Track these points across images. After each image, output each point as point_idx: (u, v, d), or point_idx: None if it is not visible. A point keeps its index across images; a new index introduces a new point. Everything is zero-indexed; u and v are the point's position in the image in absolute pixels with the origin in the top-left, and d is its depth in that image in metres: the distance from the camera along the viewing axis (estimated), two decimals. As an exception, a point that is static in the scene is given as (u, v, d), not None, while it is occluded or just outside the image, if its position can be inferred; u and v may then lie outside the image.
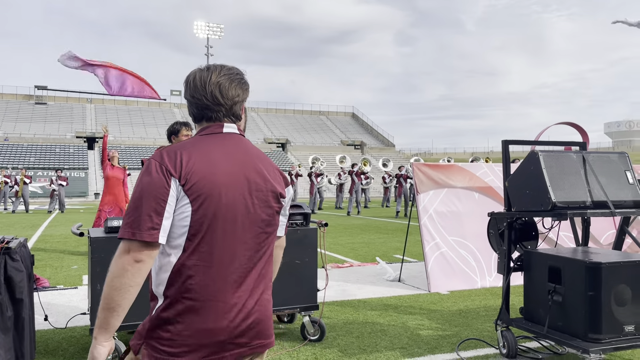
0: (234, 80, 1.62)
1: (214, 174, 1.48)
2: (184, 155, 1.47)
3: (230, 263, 1.49)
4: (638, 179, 3.76)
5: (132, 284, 1.42)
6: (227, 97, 1.60)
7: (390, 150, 57.29)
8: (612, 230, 6.97)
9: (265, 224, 1.57)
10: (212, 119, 1.61)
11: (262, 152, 1.65)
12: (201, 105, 1.59)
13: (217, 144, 1.55)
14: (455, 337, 4.28)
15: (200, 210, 1.45)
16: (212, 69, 1.61)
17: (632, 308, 3.34)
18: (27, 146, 44.01)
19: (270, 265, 1.63)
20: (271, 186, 1.58)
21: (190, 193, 1.44)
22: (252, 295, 1.53)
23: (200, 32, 54.96)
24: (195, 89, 1.59)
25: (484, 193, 6.62)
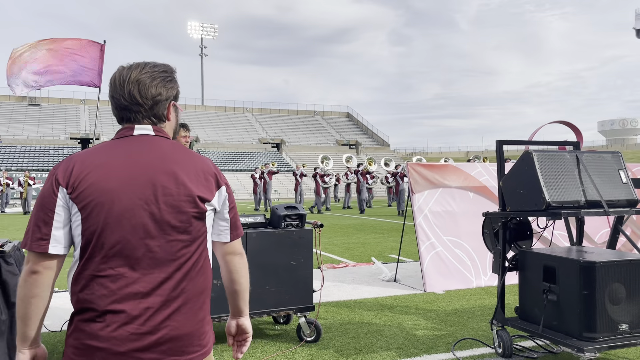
0: (156, 77, 1.52)
1: (105, 180, 1.39)
2: (77, 163, 1.42)
3: (129, 273, 1.39)
4: (632, 177, 3.78)
5: (32, 295, 1.41)
6: (146, 96, 1.50)
7: (385, 149, 57.37)
8: (606, 229, 7.01)
9: (177, 231, 1.43)
10: (130, 120, 1.52)
11: (188, 155, 1.52)
12: (119, 105, 1.51)
13: (121, 148, 1.46)
14: (451, 337, 4.30)
15: (89, 219, 1.39)
16: (135, 66, 1.52)
17: (627, 307, 3.36)
18: (20, 148, 43.80)
19: (199, 277, 1.48)
20: (185, 190, 1.44)
21: (78, 201, 1.39)
22: (162, 309, 1.40)
23: (194, 33, 54.88)
24: (114, 88, 1.51)
25: (479, 193, 6.64)
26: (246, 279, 1.66)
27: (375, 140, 60.99)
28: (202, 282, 1.49)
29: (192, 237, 1.46)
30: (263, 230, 4.12)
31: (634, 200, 3.62)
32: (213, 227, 1.57)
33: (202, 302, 1.49)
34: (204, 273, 1.51)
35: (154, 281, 1.40)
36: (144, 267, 1.40)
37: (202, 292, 1.49)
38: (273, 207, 4.29)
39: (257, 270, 4.03)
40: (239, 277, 1.64)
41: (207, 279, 1.52)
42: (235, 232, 1.61)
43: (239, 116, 61.32)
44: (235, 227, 1.60)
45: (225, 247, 1.60)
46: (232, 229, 1.59)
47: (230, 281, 1.64)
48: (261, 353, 3.95)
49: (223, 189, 1.54)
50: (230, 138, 53.17)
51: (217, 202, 1.52)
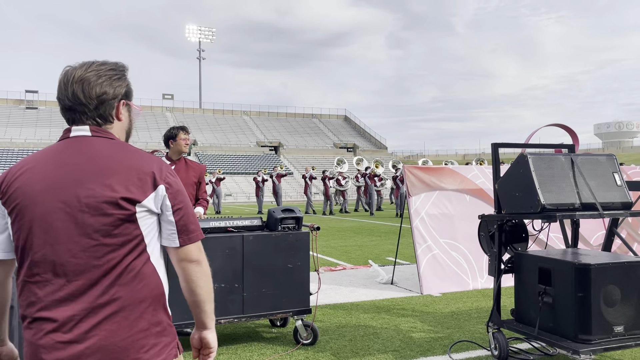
0: (102, 76, 1.46)
1: (30, 184, 1.38)
2: (13, 169, 1.42)
3: (55, 278, 1.35)
4: (627, 180, 3.80)
5: None
6: (90, 96, 1.44)
7: (383, 152, 57.42)
8: (602, 231, 7.03)
9: (100, 234, 1.35)
10: (75, 122, 1.46)
11: (123, 154, 1.43)
12: (64, 106, 1.46)
13: (54, 150, 1.43)
14: (447, 339, 4.31)
15: (16, 223, 1.38)
16: (81, 65, 1.47)
17: (621, 309, 3.37)
18: (17, 151, 43.72)
19: (135, 284, 1.39)
20: (110, 191, 1.36)
21: (7, 205, 1.39)
22: (89, 317, 1.34)
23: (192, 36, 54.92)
24: (59, 88, 1.46)
25: (475, 195, 6.66)
26: (205, 290, 1.52)
27: (373, 143, 61.05)
28: (139, 290, 1.39)
29: (120, 241, 1.37)
30: (260, 233, 4.12)
31: (628, 202, 3.64)
32: (162, 231, 1.48)
33: (142, 311, 1.39)
34: (143, 281, 1.40)
35: (80, 287, 1.35)
36: (69, 272, 1.35)
37: (142, 300, 1.39)
38: (270, 210, 4.30)
39: (253, 273, 4.04)
40: (195, 287, 1.50)
41: (148, 286, 1.41)
42: (185, 236, 1.47)
43: (237, 119, 61.33)
44: (185, 230, 1.46)
45: (177, 253, 1.48)
46: (180, 232, 1.46)
47: (187, 291, 1.52)
48: (258, 356, 3.96)
49: (161, 188, 1.42)
50: (228, 141, 53.16)
51: (153, 203, 1.41)
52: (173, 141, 4.61)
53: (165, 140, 4.66)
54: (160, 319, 1.43)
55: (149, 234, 1.43)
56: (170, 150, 4.67)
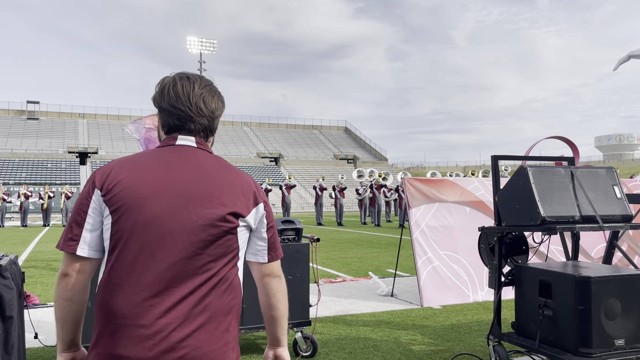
0: (215, 93, 1.54)
1: (139, 185, 1.36)
2: (115, 166, 1.41)
3: (152, 284, 1.32)
4: (627, 193, 3.81)
5: (64, 297, 1.39)
6: (210, 109, 1.51)
7: (383, 164, 57.47)
8: (603, 244, 7.02)
9: (204, 244, 1.36)
10: (189, 131, 1.50)
11: (226, 169, 1.48)
12: (183, 116, 1.48)
13: (161, 155, 1.44)
14: (447, 352, 4.28)
15: (118, 223, 1.35)
16: (192, 78, 1.52)
17: (622, 322, 3.36)
18: (18, 162, 43.77)
19: (226, 296, 1.39)
20: (219, 203, 1.39)
21: (111, 204, 1.36)
22: (183, 326, 1.31)
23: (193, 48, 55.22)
24: (177, 98, 1.48)
25: (476, 207, 6.66)
26: (285, 304, 1.56)
27: (374, 154, 61.13)
28: (230, 301, 1.40)
29: (221, 252, 1.39)
30: (260, 244, 4.12)
31: (628, 215, 3.64)
32: (249, 247, 1.52)
33: (227, 324, 1.39)
34: (232, 292, 1.41)
35: (177, 295, 1.33)
36: (168, 279, 1.33)
37: (228, 312, 1.40)
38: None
39: (253, 284, 4.03)
40: (276, 302, 1.55)
41: (235, 299, 1.42)
42: (273, 253, 1.54)
43: (237, 130, 61.47)
44: (273, 247, 1.53)
45: (263, 268, 1.53)
46: (270, 249, 1.52)
47: (267, 306, 1.55)
48: (257, 368, 3.93)
49: (261, 206, 1.48)
50: (229, 152, 53.23)
51: (253, 219, 1.46)
52: None
53: None
54: (237, 333, 1.45)
55: (242, 247, 1.47)
56: None
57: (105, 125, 56.22)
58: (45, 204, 22.81)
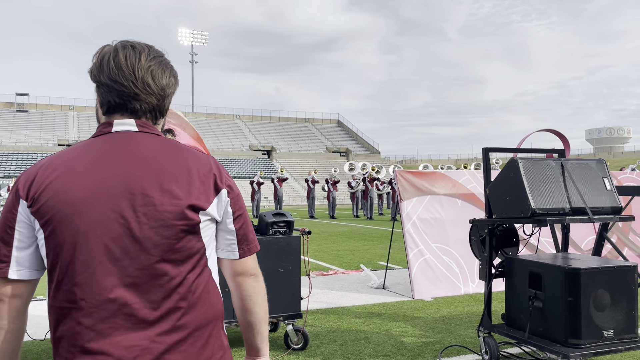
0: (167, 66, 1.29)
1: (69, 189, 1.13)
2: (42, 168, 1.17)
3: (107, 303, 1.11)
4: (617, 185, 3.83)
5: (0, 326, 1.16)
6: (160, 86, 1.25)
7: (376, 157, 57.54)
8: (592, 236, 7.07)
9: (162, 249, 1.14)
10: (135, 112, 1.24)
11: (178, 152, 1.24)
12: (127, 94, 1.22)
13: (93, 148, 1.20)
14: (438, 344, 4.30)
15: (52, 237, 1.13)
16: (138, 48, 1.25)
17: (611, 313, 3.38)
18: (8, 154, 43.39)
19: (199, 306, 1.19)
20: (172, 198, 1.16)
21: (40, 216, 1.13)
22: (151, 347, 1.12)
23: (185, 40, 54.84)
24: (118, 70, 1.21)
25: (467, 200, 6.68)
26: (264, 308, 1.33)
27: (366, 147, 61.18)
28: (205, 312, 1.20)
29: (182, 256, 1.17)
30: (250, 237, 4.10)
31: (618, 207, 3.66)
32: (218, 242, 1.29)
33: (207, 337, 1.20)
34: (207, 301, 1.21)
35: (137, 313, 1.13)
36: (123, 296, 1.13)
37: (206, 324, 1.20)
38: (261, 214, 4.28)
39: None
40: (252, 305, 1.32)
41: (211, 308, 1.22)
42: (245, 247, 1.30)
43: (230, 123, 61.25)
44: (244, 239, 1.30)
45: (234, 265, 1.30)
46: (240, 242, 1.29)
47: (242, 310, 1.33)
48: (248, 361, 3.93)
49: (223, 192, 1.24)
50: (221, 145, 53.06)
51: (216, 210, 1.23)
52: None
53: None
54: (222, 342, 1.25)
55: (209, 246, 1.24)
56: None
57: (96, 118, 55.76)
58: None
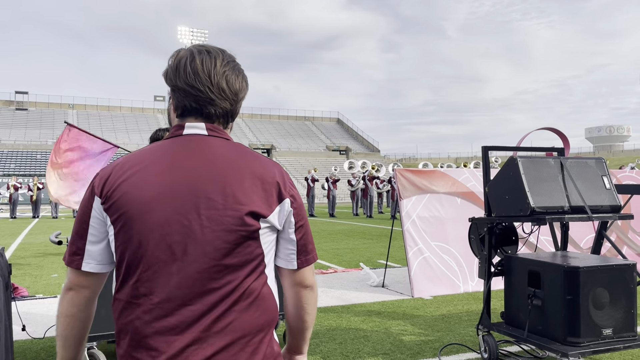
0: (240, 71, 1.32)
1: (139, 189, 1.18)
2: (117, 167, 1.23)
3: (165, 302, 1.16)
4: (616, 183, 3.83)
5: (67, 313, 1.25)
6: (233, 91, 1.29)
7: (375, 155, 57.54)
8: (592, 234, 7.07)
9: (222, 253, 1.17)
10: (209, 117, 1.28)
11: (246, 158, 1.26)
12: (203, 99, 1.26)
13: (165, 150, 1.24)
14: (437, 342, 4.30)
15: (121, 234, 1.19)
16: (214, 53, 1.29)
17: (610, 311, 3.38)
18: (7, 152, 43.36)
19: (252, 312, 1.21)
20: (235, 203, 1.18)
21: (111, 213, 1.19)
22: (200, 350, 1.15)
23: (184, 38, 54.81)
24: (195, 76, 1.25)
25: (466, 198, 6.68)
26: (313, 317, 1.38)
27: (366, 146, 61.16)
28: (258, 317, 1.21)
29: (241, 261, 1.19)
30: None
31: (617, 206, 3.66)
32: (278, 250, 1.31)
33: (258, 343, 1.21)
34: (261, 307, 1.22)
35: (192, 314, 1.16)
36: (181, 295, 1.16)
37: (258, 330, 1.21)
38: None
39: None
40: (304, 314, 1.36)
41: (265, 315, 1.23)
42: (303, 258, 1.31)
43: (229, 121, 61.16)
44: (304, 251, 1.31)
45: (291, 275, 1.32)
46: (299, 253, 1.30)
47: (295, 317, 1.37)
48: (247, 359, 3.93)
49: (286, 202, 1.25)
50: (220, 143, 53.03)
51: (277, 219, 1.24)
52: None
53: (151, 142, 4.64)
54: (273, 349, 1.26)
55: (268, 253, 1.26)
56: None
57: (96, 116, 55.78)
58: (34, 196, 22.69)
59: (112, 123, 54.72)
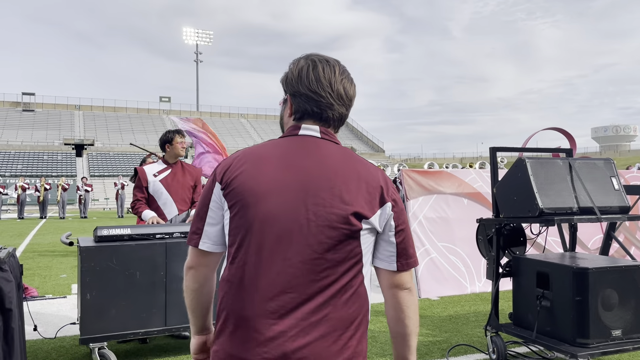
0: (352, 81, 1.44)
1: (255, 180, 1.28)
2: (237, 159, 1.33)
3: (268, 286, 1.24)
4: (623, 184, 3.82)
5: (192, 288, 1.40)
6: (349, 97, 1.41)
7: (380, 155, 57.49)
8: (599, 235, 7.05)
9: (324, 248, 1.24)
10: (327, 121, 1.38)
11: (353, 162, 1.34)
12: (324, 104, 1.36)
13: (281, 146, 1.34)
14: (445, 343, 4.31)
15: (236, 219, 1.29)
16: (332, 62, 1.40)
17: (619, 312, 3.38)
18: (14, 153, 43.61)
19: (348, 306, 1.27)
20: (340, 202, 1.26)
21: (229, 199, 1.29)
22: (297, 336, 1.22)
23: (189, 39, 54.97)
24: (318, 83, 1.35)
25: (473, 199, 6.68)
26: (414, 321, 1.38)
27: (371, 146, 61.13)
28: (353, 312, 1.28)
29: (341, 257, 1.26)
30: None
31: (626, 206, 3.66)
32: (377, 251, 1.36)
33: (349, 337, 1.26)
34: (356, 302, 1.29)
35: (292, 302, 1.23)
36: (283, 282, 1.24)
37: (351, 323, 1.27)
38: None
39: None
40: (404, 318, 1.37)
41: (359, 310, 1.29)
42: (403, 261, 1.35)
43: (234, 122, 61.34)
44: (404, 254, 1.35)
45: (391, 277, 1.36)
46: (399, 255, 1.34)
47: (395, 320, 1.38)
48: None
49: (388, 206, 1.32)
50: (226, 144, 53.01)
51: (378, 221, 1.31)
52: (169, 145, 4.64)
53: (162, 144, 4.68)
54: (363, 347, 1.31)
55: (367, 253, 1.32)
56: (167, 154, 4.68)
57: (102, 117, 56.00)
58: (41, 197, 22.87)
59: (118, 124, 54.93)
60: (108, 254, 3.57)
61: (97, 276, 3.53)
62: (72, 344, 4.32)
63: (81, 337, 3.53)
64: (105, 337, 3.56)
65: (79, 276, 3.61)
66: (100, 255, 3.54)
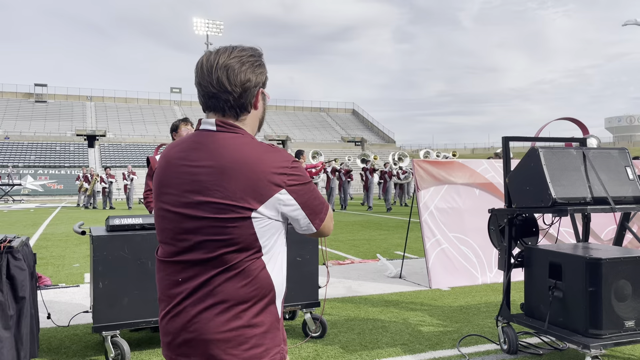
0: (245, 62, 1.39)
1: (159, 174, 1.44)
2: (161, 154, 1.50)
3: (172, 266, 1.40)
4: (638, 174, 3.77)
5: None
6: (235, 83, 1.37)
7: (391, 146, 57.26)
8: (612, 226, 6.98)
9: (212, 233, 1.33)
10: (217, 110, 1.40)
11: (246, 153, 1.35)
12: (207, 93, 1.39)
13: (185, 143, 1.43)
14: (456, 333, 4.30)
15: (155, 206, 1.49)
16: (222, 50, 1.40)
17: (633, 303, 3.35)
18: (27, 144, 44.03)
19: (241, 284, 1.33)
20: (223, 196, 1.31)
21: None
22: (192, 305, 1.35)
23: (200, 30, 54.90)
24: (201, 74, 1.39)
25: (485, 189, 6.63)
26: None
27: (381, 137, 60.90)
28: (250, 292, 1.34)
29: (238, 246, 1.33)
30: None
31: (640, 196, 3.60)
32: (295, 227, 1.45)
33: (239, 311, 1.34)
34: (254, 285, 1.34)
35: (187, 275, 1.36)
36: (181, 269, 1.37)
37: (245, 301, 1.34)
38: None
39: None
40: None
41: (256, 291, 1.35)
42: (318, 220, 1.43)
43: (245, 113, 61.25)
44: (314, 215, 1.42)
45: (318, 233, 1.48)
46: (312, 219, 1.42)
47: None
48: (267, 348, 3.97)
49: (282, 192, 1.34)
50: (236, 135, 53.18)
51: (269, 210, 1.34)
52: (175, 133, 4.71)
53: (170, 133, 4.79)
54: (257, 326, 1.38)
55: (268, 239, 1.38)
56: None
57: (113, 108, 56.27)
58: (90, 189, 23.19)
59: (130, 115, 55.20)
60: (120, 243, 3.60)
61: (109, 265, 3.56)
62: (85, 332, 4.37)
63: (94, 325, 3.56)
64: (118, 326, 3.60)
65: (91, 265, 3.64)
66: (112, 245, 3.57)
